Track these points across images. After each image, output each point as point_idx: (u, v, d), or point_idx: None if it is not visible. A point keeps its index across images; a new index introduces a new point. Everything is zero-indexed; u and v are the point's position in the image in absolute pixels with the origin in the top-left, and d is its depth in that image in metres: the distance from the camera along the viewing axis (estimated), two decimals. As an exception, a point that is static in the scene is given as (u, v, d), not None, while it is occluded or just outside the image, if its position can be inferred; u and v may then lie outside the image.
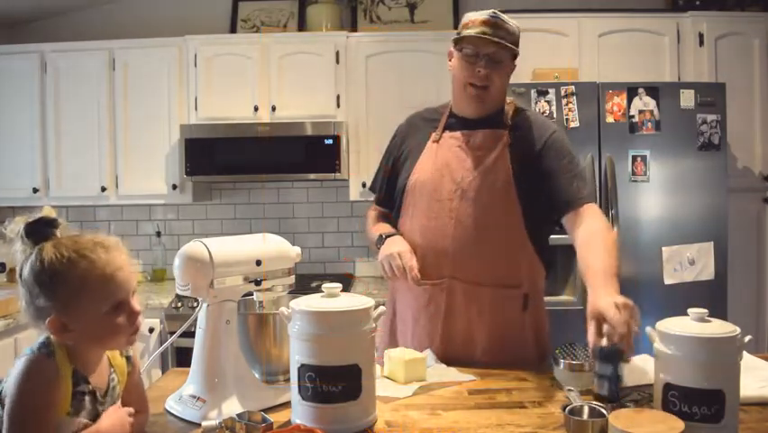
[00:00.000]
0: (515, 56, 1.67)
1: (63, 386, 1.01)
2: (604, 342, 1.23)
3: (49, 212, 1.06)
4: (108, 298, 1.03)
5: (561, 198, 1.63)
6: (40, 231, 1.04)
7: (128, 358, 1.18)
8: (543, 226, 1.72)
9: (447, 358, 1.61)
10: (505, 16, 1.64)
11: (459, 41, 1.65)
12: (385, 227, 1.76)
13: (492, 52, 1.61)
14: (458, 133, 1.70)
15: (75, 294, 1.00)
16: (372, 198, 1.95)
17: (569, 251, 2.66)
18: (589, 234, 1.55)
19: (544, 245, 1.72)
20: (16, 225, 1.05)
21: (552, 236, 2.18)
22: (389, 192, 1.83)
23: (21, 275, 1.03)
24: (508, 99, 1.76)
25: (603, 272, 1.40)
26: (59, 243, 1.03)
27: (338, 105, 3.27)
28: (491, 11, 1.63)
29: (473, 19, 1.63)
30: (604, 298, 1.31)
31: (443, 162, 1.68)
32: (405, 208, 1.73)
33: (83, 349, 1.05)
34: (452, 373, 1.51)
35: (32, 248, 1.03)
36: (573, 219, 1.61)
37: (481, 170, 1.64)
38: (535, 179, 1.64)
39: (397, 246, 1.63)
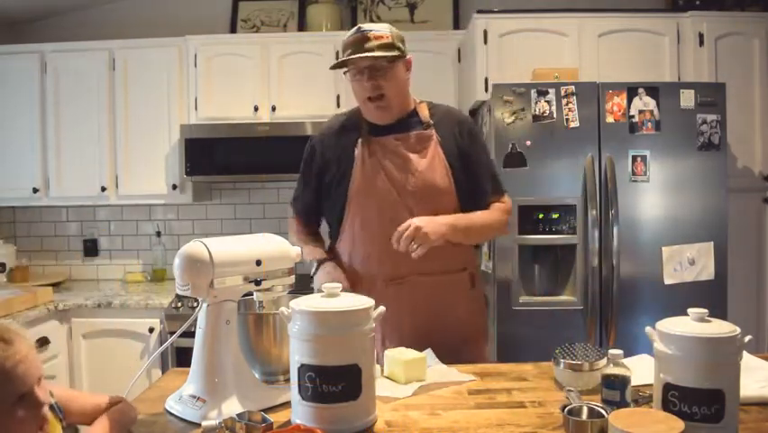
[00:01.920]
0: (401, 57, 1.74)
1: None
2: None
3: None
4: (9, 394, 0.98)
5: (480, 196, 1.82)
6: None
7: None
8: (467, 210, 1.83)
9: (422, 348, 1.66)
10: (374, 26, 1.73)
11: (342, 67, 1.76)
12: (318, 252, 1.86)
13: (369, 65, 1.70)
14: (387, 138, 1.78)
15: None
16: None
17: (569, 251, 2.68)
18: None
19: None
20: None
21: (552, 237, 2.19)
22: (315, 206, 1.91)
23: None
24: (417, 100, 1.87)
25: (460, 216, 1.74)
26: None
27: (338, 106, 3.27)
28: (356, 27, 1.73)
29: (345, 41, 1.74)
30: (424, 219, 1.63)
31: (382, 167, 1.75)
32: (350, 216, 1.78)
33: None
34: (452, 373, 1.51)
35: None
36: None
37: (423, 169, 1.75)
38: (464, 170, 1.79)
39: (333, 274, 1.75)
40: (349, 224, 1.79)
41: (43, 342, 2.79)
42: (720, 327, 1.12)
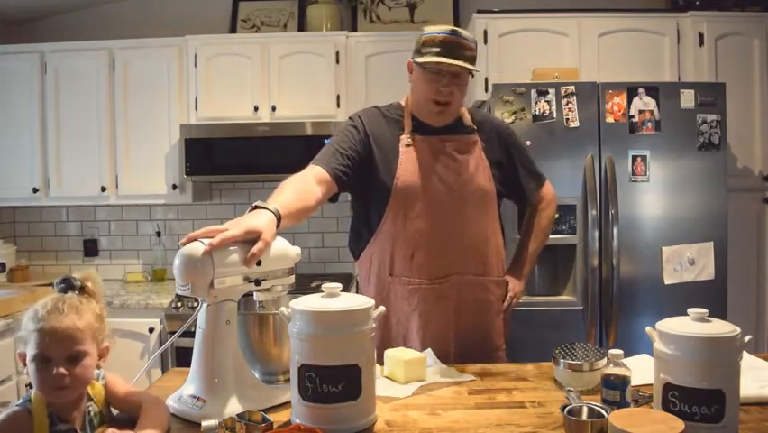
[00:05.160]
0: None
1: (38, 430, 1.15)
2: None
3: (85, 278, 1.23)
4: (37, 348, 1.13)
5: (524, 194, 1.91)
6: (66, 284, 1.22)
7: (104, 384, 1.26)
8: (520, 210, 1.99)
9: (463, 351, 1.70)
10: (466, 33, 1.69)
11: (422, 58, 1.68)
12: (278, 202, 1.45)
13: (453, 72, 1.68)
14: (433, 138, 1.76)
15: (28, 335, 1.15)
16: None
17: (569, 251, 2.68)
18: (534, 218, 1.95)
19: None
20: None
21: (552, 237, 2.19)
22: (347, 167, 1.69)
23: None
24: None
25: (529, 257, 1.93)
26: (63, 296, 1.19)
27: (338, 105, 3.27)
28: (450, 28, 1.67)
29: (432, 37, 1.67)
30: (517, 281, 1.89)
31: (428, 166, 1.73)
32: (392, 213, 1.73)
33: None
34: (452, 373, 1.51)
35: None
36: (528, 206, 1.98)
37: (468, 172, 1.75)
38: (504, 177, 1.83)
39: (249, 223, 1.32)
40: (390, 221, 1.74)
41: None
42: (720, 327, 1.12)
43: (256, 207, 1.41)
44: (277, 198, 1.49)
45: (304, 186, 1.62)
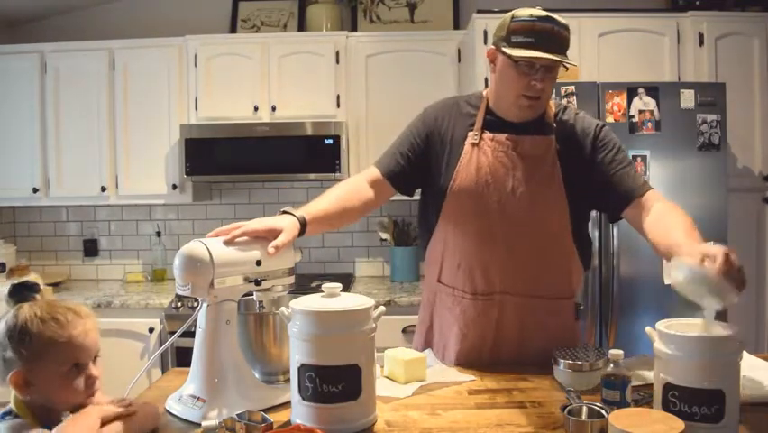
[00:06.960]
0: None
1: None
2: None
3: (35, 278, 1.17)
4: (69, 359, 1.11)
5: (622, 192, 1.54)
6: (22, 293, 1.14)
7: None
8: (584, 228, 1.66)
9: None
10: (562, 20, 1.51)
11: (512, 50, 1.49)
12: (310, 208, 1.51)
13: (548, 64, 1.50)
14: (501, 137, 1.58)
15: (40, 352, 1.08)
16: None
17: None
18: (661, 213, 1.45)
19: (584, 248, 1.65)
20: (2, 287, 1.15)
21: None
22: (401, 166, 1.65)
23: None
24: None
25: (688, 238, 1.33)
26: (35, 304, 1.13)
27: (338, 105, 3.27)
28: (544, 14, 1.50)
29: (525, 24, 1.49)
30: (698, 246, 1.25)
31: (486, 170, 1.56)
32: (446, 216, 1.62)
33: (43, 404, 1.11)
34: (452, 373, 1.51)
35: (12, 307, 1.14)
36: (638, 210, 1.51)
37: (533, 179, 1.55)
38: (588, 181, 1.58)
39: (269, 223, 1.39)
40: (442, 225, 1.62)
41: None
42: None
43: (284, 213, 1.48)
44: (310, 204, 1.54)
45: (351, 188, 1.62)
